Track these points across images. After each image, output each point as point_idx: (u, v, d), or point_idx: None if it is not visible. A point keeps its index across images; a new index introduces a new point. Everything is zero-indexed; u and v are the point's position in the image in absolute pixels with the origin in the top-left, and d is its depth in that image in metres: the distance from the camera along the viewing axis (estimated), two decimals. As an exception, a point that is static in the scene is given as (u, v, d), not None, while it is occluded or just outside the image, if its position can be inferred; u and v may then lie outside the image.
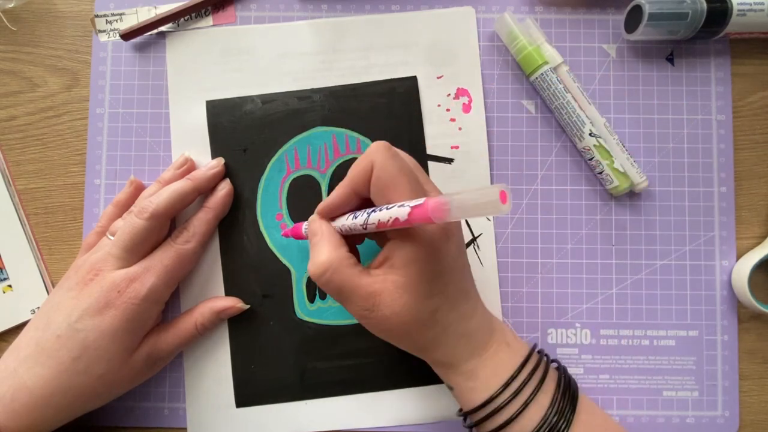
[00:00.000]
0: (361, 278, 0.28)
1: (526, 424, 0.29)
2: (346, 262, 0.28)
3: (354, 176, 0.29)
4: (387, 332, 0.29)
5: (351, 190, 0.29)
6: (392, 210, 0.25)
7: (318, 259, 0.28)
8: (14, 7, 0.39)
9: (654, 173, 0.39)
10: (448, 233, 0.28)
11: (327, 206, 0.30)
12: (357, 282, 0.28)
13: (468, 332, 0.30)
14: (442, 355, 0.30)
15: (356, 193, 0.29)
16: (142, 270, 0.33)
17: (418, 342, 0.30)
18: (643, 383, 0.38)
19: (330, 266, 0.28)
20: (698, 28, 0.36)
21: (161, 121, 0.39)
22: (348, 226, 0.29)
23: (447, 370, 0.31)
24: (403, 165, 0.28)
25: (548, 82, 0.37)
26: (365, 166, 0.28)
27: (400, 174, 0.27)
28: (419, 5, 0.39)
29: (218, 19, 0.39)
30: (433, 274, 0.28)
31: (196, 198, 0.36)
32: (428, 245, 0.28)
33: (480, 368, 0.30)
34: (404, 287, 0.28)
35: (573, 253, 0.39)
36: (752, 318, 0.39)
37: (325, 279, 0.28)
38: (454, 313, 0.29)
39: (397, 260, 0.28)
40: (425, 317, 0.28)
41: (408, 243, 0.28)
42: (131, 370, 0.33)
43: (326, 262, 0.28)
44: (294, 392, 0.37)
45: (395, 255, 0.28)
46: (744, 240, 0.39)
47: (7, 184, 0.39)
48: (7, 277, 0.38)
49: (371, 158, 0.28)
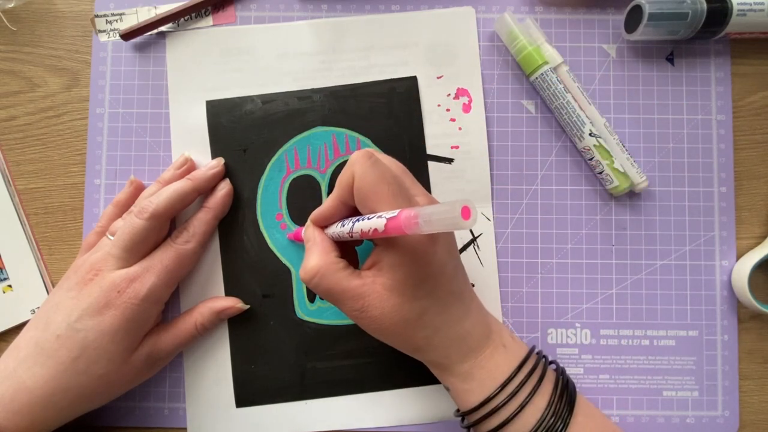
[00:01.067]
0: (350, 281, 0.29)
1: (523, 425, 0.29)
2: (334, 267, 0.29)
3: (339, 187, 0.29)
4: (379, 332, 0.30)
5: (339, 201, 0.30)
6: (372, 221, 0.26)
7: (308, 265, 0.30)
8: (14, 7, 0.39)
9: (654, 173, 0.39)
10: (433, 238, 0.29)
11: (319, 215, 0.31)
12: (345, 285, 0.29)
13: (460, 334, 0.30)
14: (435, 356, 0.31)
15: (344, 203, 0.30)
16: (142, 270, 0.33)
17: (410, 343, 0.30)
18: (643, 383, 0.38)
19: (318, 271, 0.29)
20: (698, 28, 0.36)
21: (161, 121, 0.39)
22: (337, 233, 0.30)
23: (442, 372, 0.32)
24: (384, 173, 0.28)
25: (548, 82, 0.37)
26: (348, 177, 0.28)
27: (380, 183, 0.27)
28: (419, 5, 0.39)
29: (218, 19, 0.39)
30: (419, 277, 0.29)
31: (196, 198, 0.36)
32: (412, 250, 0.28)
33: (475, 370, 0.30)
34: (391, 289, 0.28)
35: (573, 253, 0.39)
36: (752, 318, 0.39)
37: (315, 283, 0.29)
38: (445, 315, 0.30)
39: (384, 264, 0.29)
40: (414, 319, 0.29)
41: (393, 248, 0.28)
42: (131, 370, 0.33)
43: (315, 267, 0.29)
44: (294, 392, 0.37)
45: (382, 259, 0.29)
46: (744, 240, 0.39)
47: (7, 184, 0.39)
48: (7, 277, 0.38)
49: (351, 169, 0.28)
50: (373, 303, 0.29)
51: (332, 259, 0.30)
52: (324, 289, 0.29)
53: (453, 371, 0.31)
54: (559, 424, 0.29)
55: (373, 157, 0.28)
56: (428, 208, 0.22)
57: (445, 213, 0.21)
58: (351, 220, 0.29)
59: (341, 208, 0.30)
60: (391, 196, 0.27)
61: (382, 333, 0.30)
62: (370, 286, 0.29)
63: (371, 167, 0.28)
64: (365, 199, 0.28)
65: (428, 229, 0.22)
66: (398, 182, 0.28)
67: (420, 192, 0.31)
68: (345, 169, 0.29)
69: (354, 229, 0.28)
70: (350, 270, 0.30)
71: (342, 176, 0.29)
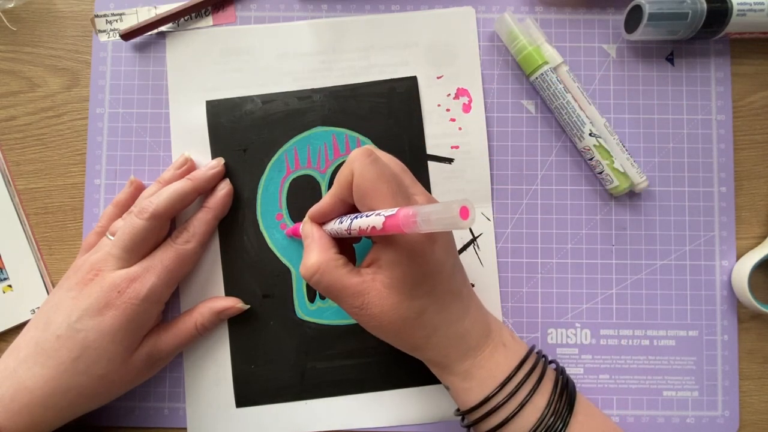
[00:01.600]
0: (350, 278, 0.29)
1: (523, 424, 0.29)
2: (334, 264, 0.29)
3: (338, 184, 0.29)
4: (378, 329, 0.30)
5: (337, 199, 0.30)
6: (370, 218, 0.26)
7: (308, 262, 0.30)
8: (14, 7, 0.39)
9: (654, 173, 0.39)
10: (432, 237, 0.29)
11: (317, 212, 0.31)
12: (345, 282, 0.29)
13: (460, 333, 0.30)
14: (434, 355, 0.31)
15: (342, 201, 0.30)
16: (142, 270, 0.33)
17: (410, 341, 0.30)
18: (643, 383, 0.38)
19: (319, 268, 0.29)
20: (698, 28, 0.36)
21: (161, 121, 0.39)
22: (335, 230, 0.30)
23: (441, 371, 0.32)
24: (384, 171, 0.28)
25: (548, 82, 0.37)
26: (347, 175, 0.28)
27: (379, 181, 0.27)
28: (419, 5, 0.39)
29: (218, 19, 0.39)
30: (417, 276, 0.29)
31: (196, 198, 0.36)
32: (411, 249, 0.28)
33: (475, 369, 0.30)
34: (390, 287, 0.28)
35: (573, 253, 0.39)
36: (752, 318, 0.39)
37: (315, 280, 0.29)
38: (444, 314, 0.30)
39: (383, 262, 0.29)
40: (413, 317, 0.29)
41: (391, 246, 0.28)
42: (131, 370, 0.33)
43: (315, 264, 0.29)
44: (294, 392, 0.37)
45: (381, 257, 0.29)
46: (744, 240, 0.39)
47: (7, 184, 0.39)
48: (7, 277, 0.38)
49: (351, 166, 0.28)
50: (372, 300, 0.29)
51: (332, 255, 0.30)
52: (325, 285, 0.29)
53: (452, 370, 0.31)
54: (559, 423, 0.29)
55: (372, 154, 0.28)
56: (427, 207, 0.22)
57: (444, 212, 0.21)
58: (349, 217, 0.28)
59: (339, 205, 0.30)
60: (390, 195, 0.27)
61: (382, 330, 0.30)
62: (369, 284, 0.29)
63: (371, 165, 0.28)
64: (364, 197, 0.28)
65: (426, 228, 0.22)
66: (397, 180, 0.28)
67: (419, 191, 0.31)
68: (344, 166, 0.29)
69: (352, 226, 0.28)
70: (350, 267, 0.30)
71: (341, 173, 0.29)
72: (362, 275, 0.29)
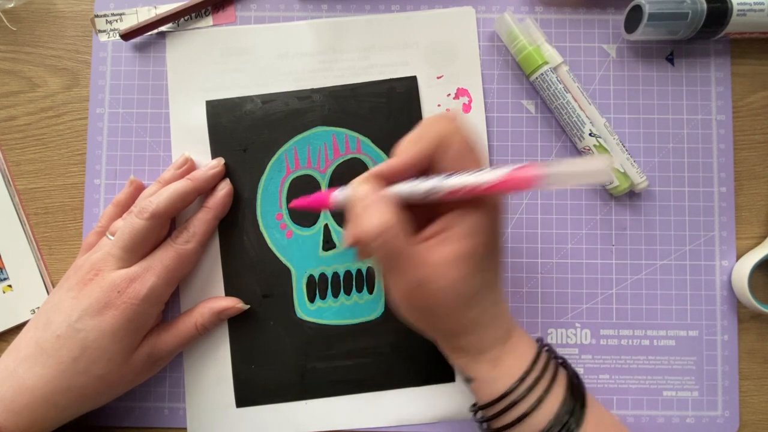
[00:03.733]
0: (416, 248, 0.26)
1: (540, 420, 0.28)
2: (402, 228, 0.26)
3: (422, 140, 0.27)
4: (427, 311, 0.28)
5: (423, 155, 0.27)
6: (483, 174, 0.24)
7: (370, 222, 0.25)
8: (14, 7, 0.39)
9: (654, 173, 0.39)
10: (503, 209, 0.27)
11: (388, 169, 0.27)
12: (410, 252, 0.26)
13: (498, 315, 0.29)
14: (474, 339, 0.29)
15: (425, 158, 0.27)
16: (142, 270, 0.33)
17: (456, 324, 0.28)
18: (643, 383, 0.38)
19: (387, 229, 0.25)
20: (698, 28, 0.36)
21: (161, 121, 0.39)
22: (407, 192, 0.27)
23: (473, 358, 0.30)
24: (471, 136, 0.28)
25: (548, 82, 0.37)
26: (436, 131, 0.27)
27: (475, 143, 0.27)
28: (419, 5, 0.39)
29: (218, 19, 0.39)
30: (490, 248, 0.27)
31: (196, 198, 0.36)
32: (493, 218, 0.27)
33: (504, 356, 0.29)
34: (456, 260, 0.26)
35: (573, 253, 0.39)
36: (752, 318, 0.39)
37: (378, 244, 0.25)
38: (494, 294, 0.29)
39: (458, 231, 0.26)
40: (470, 294, 0.27)
41: (472, 214, 0.26)
42: (131, 370, 0.33)
43: (381, 224, 0.25)
44: (294, 392, 0.37)
45: (456, 225, 0.27)
46: (744, 240, 0.39)
47: (7, 184, 0.39)
48: (7, 277, 0.38)
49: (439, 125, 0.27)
50: (431, 276, 0.26)
51: (400, 217, 0.26)
52: (386, 252, 0.25)
53: (485, 356, 0.29)
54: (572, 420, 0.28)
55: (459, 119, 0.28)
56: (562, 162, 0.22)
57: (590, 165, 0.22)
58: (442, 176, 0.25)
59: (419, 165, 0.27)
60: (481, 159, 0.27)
61: (430, 311, 0.28)
62: (436, 256, 0.26)
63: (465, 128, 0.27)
64: (467, 154, 0.26)
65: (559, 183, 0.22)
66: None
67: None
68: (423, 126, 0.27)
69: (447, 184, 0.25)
70: (416, 237, 0.27)
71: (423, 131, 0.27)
72: (425, 247, 0.26)
